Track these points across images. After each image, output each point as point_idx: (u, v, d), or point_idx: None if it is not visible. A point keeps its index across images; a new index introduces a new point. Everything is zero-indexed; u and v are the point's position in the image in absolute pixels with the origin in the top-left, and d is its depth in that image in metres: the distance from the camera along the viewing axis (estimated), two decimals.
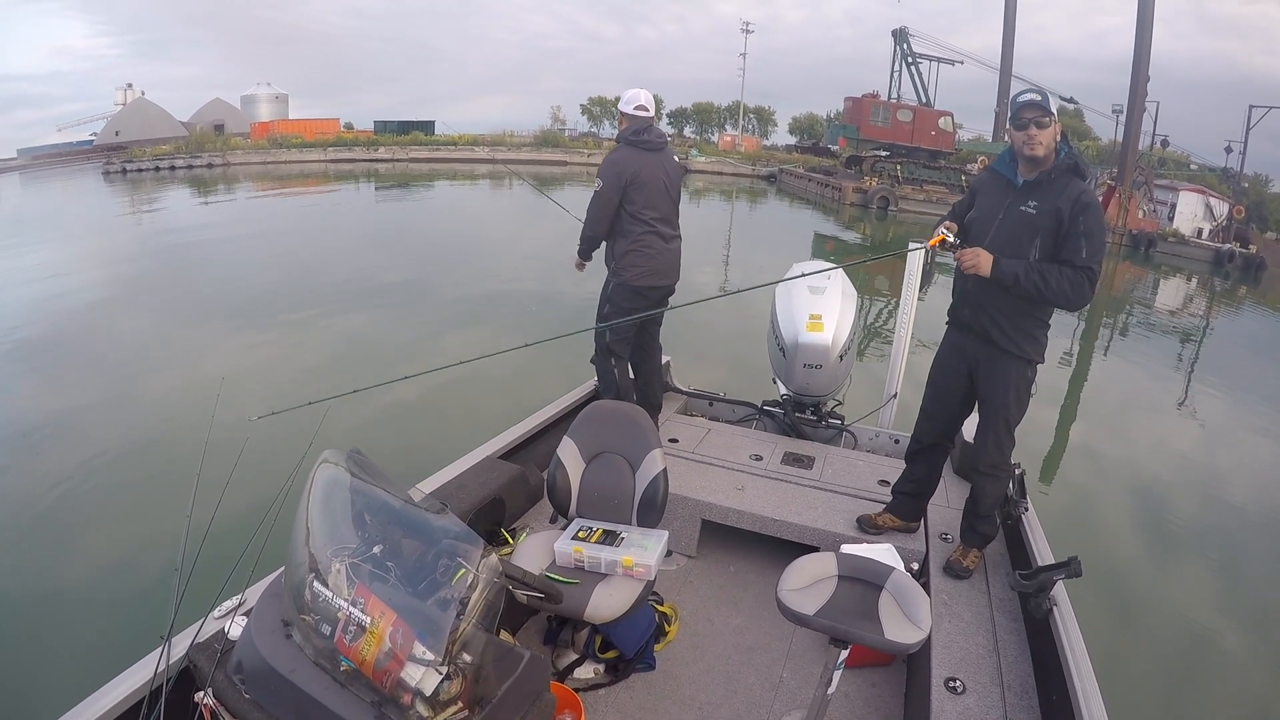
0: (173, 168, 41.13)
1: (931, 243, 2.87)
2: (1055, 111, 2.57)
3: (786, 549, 3.20)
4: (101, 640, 3.80)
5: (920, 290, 4.20)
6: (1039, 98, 2.58)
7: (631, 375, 4.22)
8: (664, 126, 69.50)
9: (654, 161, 3.82)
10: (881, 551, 2.85)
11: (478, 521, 2.85)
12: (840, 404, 4.62)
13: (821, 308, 4.11)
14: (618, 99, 3.96)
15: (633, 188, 3.75)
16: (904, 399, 4.45)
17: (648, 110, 3.87)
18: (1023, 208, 2.66)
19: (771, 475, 3.67)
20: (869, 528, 3.19)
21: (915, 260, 4.17)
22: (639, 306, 3.95)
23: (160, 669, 1.67)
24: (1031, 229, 2.62)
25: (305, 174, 40.44)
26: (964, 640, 2.51)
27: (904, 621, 1.98)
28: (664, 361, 4.69)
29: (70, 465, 5.93)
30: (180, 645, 1.77)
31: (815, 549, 3.05)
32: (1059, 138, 2.61)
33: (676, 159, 4.01)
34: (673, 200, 3.95)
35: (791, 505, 3.36)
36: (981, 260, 2.61)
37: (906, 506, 3.22)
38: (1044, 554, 2.81)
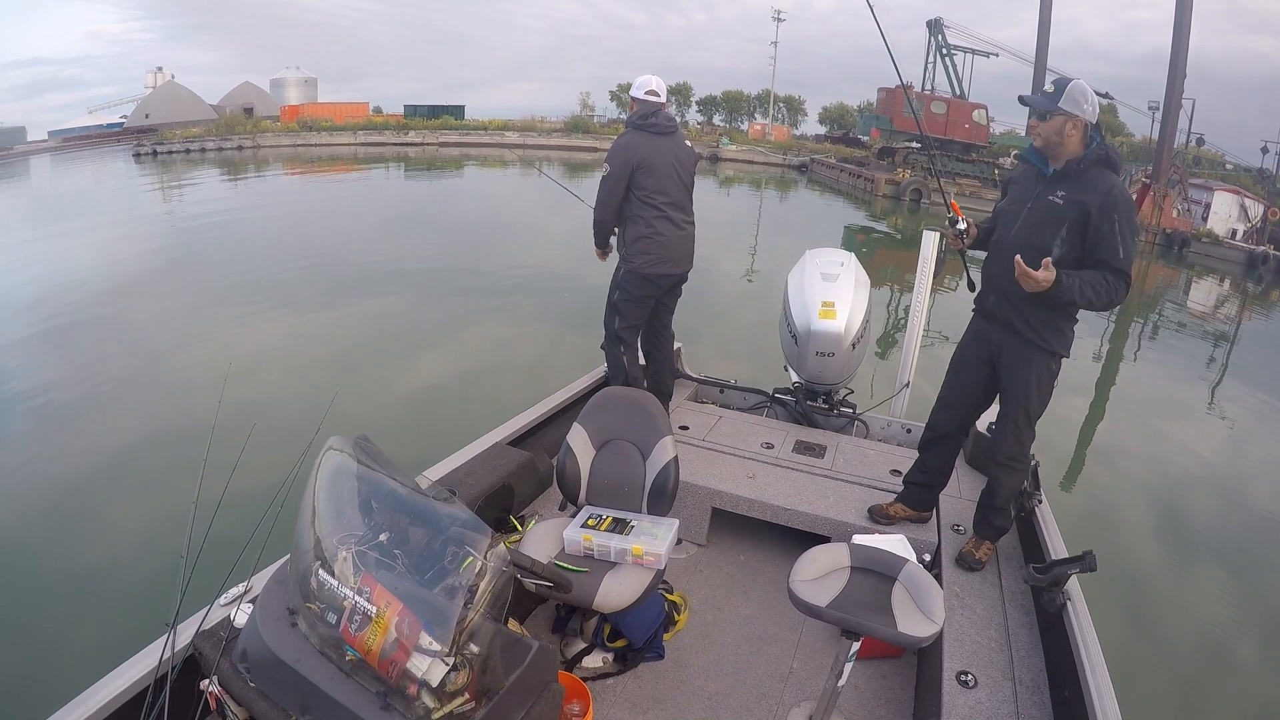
0: (203, 150, 41.27)
1: (953, 205, 2.88)
2: (1060, 106, 2.52)
3: (797, 538, 3.18)
4: (107, 626, 3.82)
5: (936, 278, 4.14)
6: (1044, 91, 2.57)
7: (643, 361, 4.19)
8: (693, 114, 68.94)
9: (663, 146, 3.77)
10: (893, 543, 2.82)
11: (486, 509, 2.83)
12: (852, 392, 4.57)
13: (834, 295, 4.05)
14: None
15: (640, 172, 3.70)
16: (916, 388, 4.40)
17: (659, 95, 3.82)
18: (1051, 197, 2.61)
19: (782, 464, 3.64)
20: (880, 517, 3.15)
21: (929, 248, 4.10)
22: (649, 294, 3.92)
23: (165, 656, 1.66)
24: (1057, 219, 2.57)
25: (335, 157, 40.54)
26: (976, 634, 2.48)
27: (917, 614, 1.95)
28: (675, 348, 4.65)
29: (77, 448, 5.98)
30: (186, 633, 1.76)
31: (826, 539, 3.03)
32: (1088, 128, 2.56)
33: (688, 144, 3.95)
34: (684, 185, 3.90)
35: (803, 494, 3.33)
36: (1039, 279, 2.44)
37: (918, 496, 3.18)
38: (1058, 548, 2.77)
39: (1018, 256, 2.45)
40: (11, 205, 24.47)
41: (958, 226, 2.85)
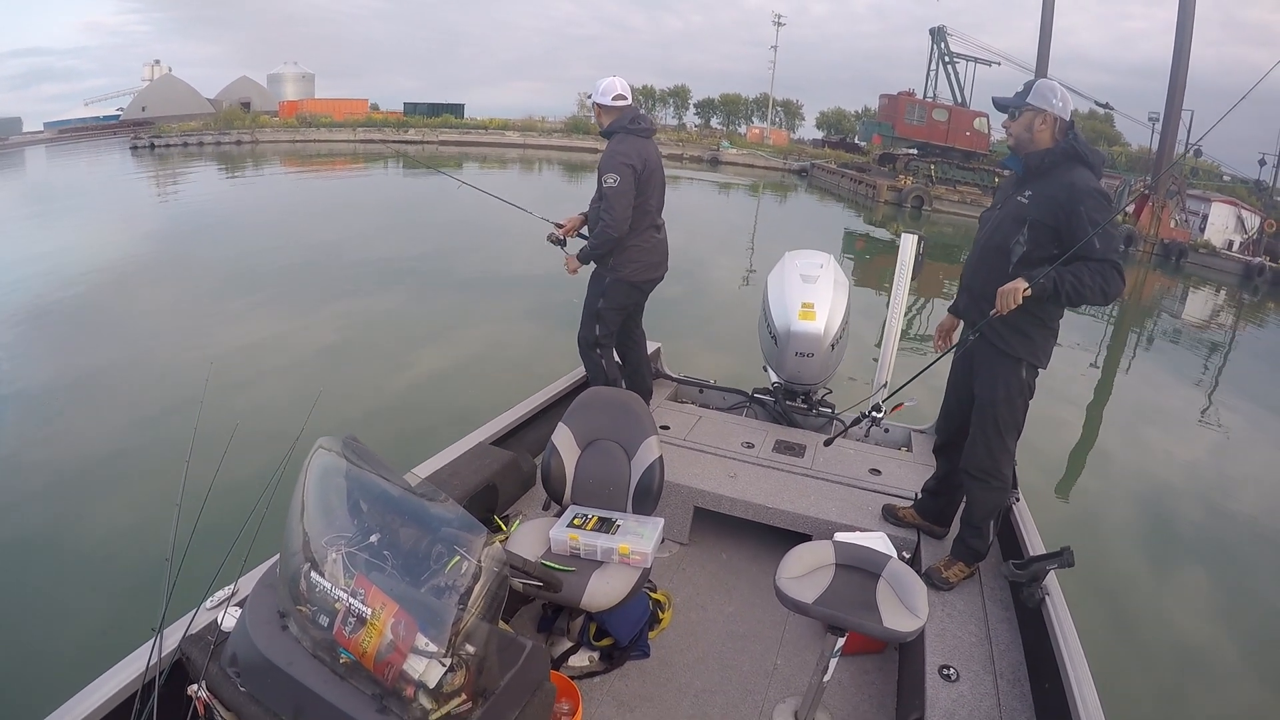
0: (201, 144, 40.89)
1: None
2: (1028, 101, 2.56)
3: (778, 536, 3.21)
4: (91, 631, 3.72)
5: (922, 282, 4.20)
6: (1016, 92, 2.61)
7: (617, 360, 4.20)
8: (691, 116, 68.95)
9: (653, 149, 3.74)
10: (874, 539, 2.85)
11: (471, 509, 2.79)
12: (830, 392, 4.62)
13: (814, 296, 4.09)
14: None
15: (641, 178, 3.61)
16: (894, 388, 4.46)
17: (626, 98, 3.69)
18: (1019, 198, 2.61)
19: (763, 463, 3.67)
20: (890, 517, 3.20)
21: (908, 250, 4.15)
22: (635, 301, 3.93)
23: (152, 662, 1.64)
24: (1018, 218, 2.57)
25: (334, 153, 40.23)
26: (956, 628, 2.53)
27: (901, 609, 1.99)
28: (654, 349, 4.66)
29: (56, 444, 5.82)
30: (172, 637, 1.74)
31: (807, 536, 3.06)
32: (1058, 123, 2.54)
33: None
34: (663, 189, 3.90)
35: (783, 493, 3.36)
36: (1009, 290, 2.43)
37: (927, 505, 3.15)
38: (1035, 544, 2.83)
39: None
40: (5, 195, 24.03)
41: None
